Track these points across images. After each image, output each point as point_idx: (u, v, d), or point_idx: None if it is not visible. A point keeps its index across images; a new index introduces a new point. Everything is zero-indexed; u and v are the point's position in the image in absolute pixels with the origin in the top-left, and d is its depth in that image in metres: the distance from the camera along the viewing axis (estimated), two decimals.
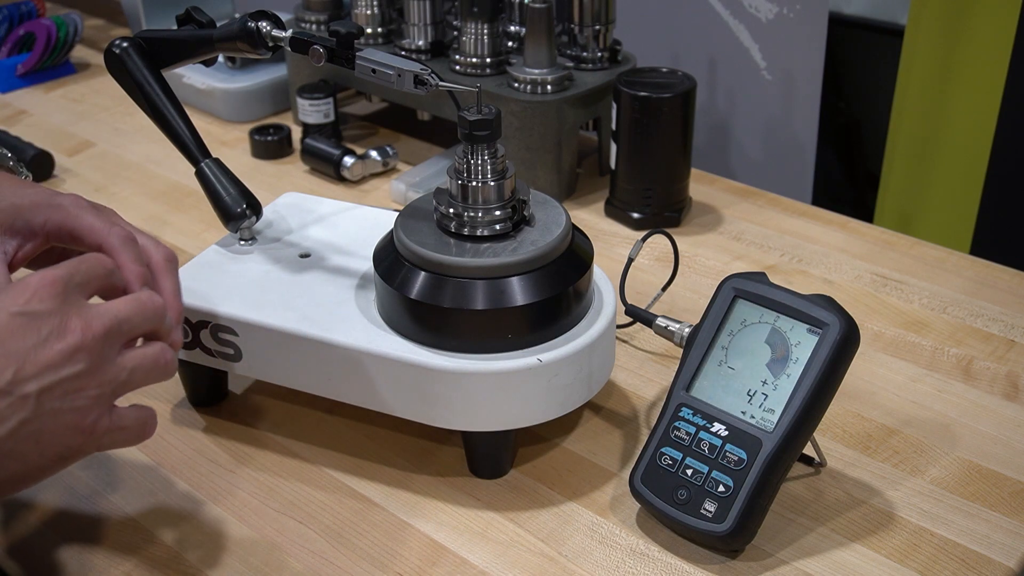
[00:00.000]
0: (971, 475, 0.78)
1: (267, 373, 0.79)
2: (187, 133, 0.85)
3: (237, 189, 0.86)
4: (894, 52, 1.43)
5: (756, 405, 0.71)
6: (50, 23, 1.51)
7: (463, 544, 0.73)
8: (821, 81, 1.40)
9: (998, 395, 0.86)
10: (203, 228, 1.13)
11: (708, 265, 1.05)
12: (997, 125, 1.37)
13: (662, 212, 1.11)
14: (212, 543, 0.73)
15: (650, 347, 0.93)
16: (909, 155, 1.45)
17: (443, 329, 0.73)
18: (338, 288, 0.81)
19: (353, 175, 1.21)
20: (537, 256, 0.73)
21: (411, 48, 1.22)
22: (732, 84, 1.48)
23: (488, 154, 0.74)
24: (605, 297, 0.79)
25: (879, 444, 0.81)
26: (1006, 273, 1.02)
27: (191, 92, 1.39)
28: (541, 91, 1.11)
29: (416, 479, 0.79)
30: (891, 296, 0.99)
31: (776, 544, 0.72)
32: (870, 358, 0.90)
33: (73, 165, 1.28)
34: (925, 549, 0.72)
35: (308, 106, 1.27)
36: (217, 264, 0.84)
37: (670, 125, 1.07)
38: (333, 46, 0.76)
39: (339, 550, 0.73)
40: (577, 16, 1.15)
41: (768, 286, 0.73)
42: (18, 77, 1.51)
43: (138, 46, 0.85)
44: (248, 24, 0.79)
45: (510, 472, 0.79)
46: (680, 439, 0.72)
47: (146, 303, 0.61)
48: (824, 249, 1.07)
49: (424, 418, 0.75)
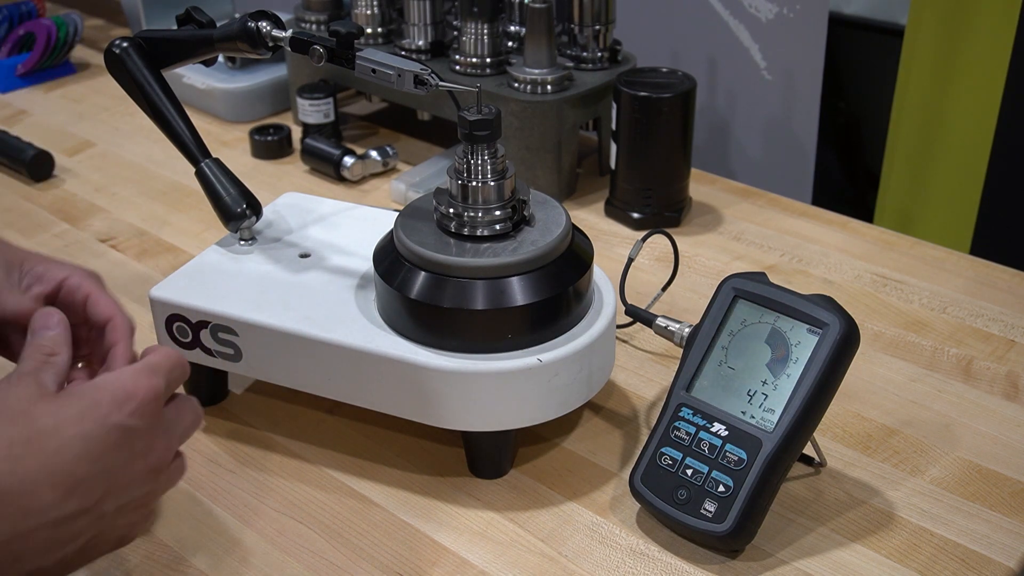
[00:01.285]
0: (971, 475, 0.78)
1: (267, 373, 0.79)
2: (187, 133, 0.85)
3: (237, 189, 0.86)
4: (894, 52, 1.43)
5: (756, 405, 0.71)
6: (50, 23, 1.51)
7: (463, 544, 0.73)
8: (821, 81, 1.40)
9: (998, 395, 0.86)
10: (203, 228, 1.13)
11: (708, 265, 1.05)
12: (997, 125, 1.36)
13: (662, 212, 1.11)
14: (212, 543, 0.73)
15: (650, 347, 0.93)
16: (909, 155, 1.45)
17: (443, 329, 0.73)
18: (338, 288, 0.81)
19: (353, 175, 1.21)
20: (537, 256, 0.73)
21: (411, 48, 1.22)
22: (732, 84, 1.48)
23: (488, 154, 0.74)
24: (605, 297, 0.79)
25: (879, 444, 0.81)
26: (1006, 273, 1.02)
27: (191, 92, 1.39)
28: (541, 91, 1.11)
29: (416, 479, 0.79)
30: (891, 296, 0.99)
31: (776, 544, 0.72)
32: (870, 358, 0.90)
33: (73, 165, 1.28)
34: (925, 549, 0.72)
35: (308, 106, 1.27)
36: (217, 264, 0.84)
37: (670, 125, 1.07)
38: (333, 46, 0.76)
39: (339, 550, 0.73)
40: (577, 16, 1.15)
41: (768, 286, 0.73)
42: (18, 77, 1.51)
43: (138, 46, 0.85)
44: (248, 24, 0.79)
45: (510, 472, 0.79)
46: (680, 439, 0.72)
47: (198, 415, 0.60)
48: (824, 249, 1.07)
49: (424, 418, 0.75)
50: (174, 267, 0.88)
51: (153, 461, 0.55)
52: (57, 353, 0.57)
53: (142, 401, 0.54)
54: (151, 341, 0.93)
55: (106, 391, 0.53)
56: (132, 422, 0.53)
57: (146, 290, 0.83)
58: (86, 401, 0.53)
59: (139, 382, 0.54)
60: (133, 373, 0.55)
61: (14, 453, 0.49)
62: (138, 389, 0.54)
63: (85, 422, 0.52)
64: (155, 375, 0.55)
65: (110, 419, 0.52)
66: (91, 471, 0.51)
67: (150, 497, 0.56)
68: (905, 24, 1.42)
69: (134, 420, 0.53)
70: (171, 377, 0.57)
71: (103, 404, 0.53)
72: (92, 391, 0.53)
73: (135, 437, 0.53)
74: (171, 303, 0.80)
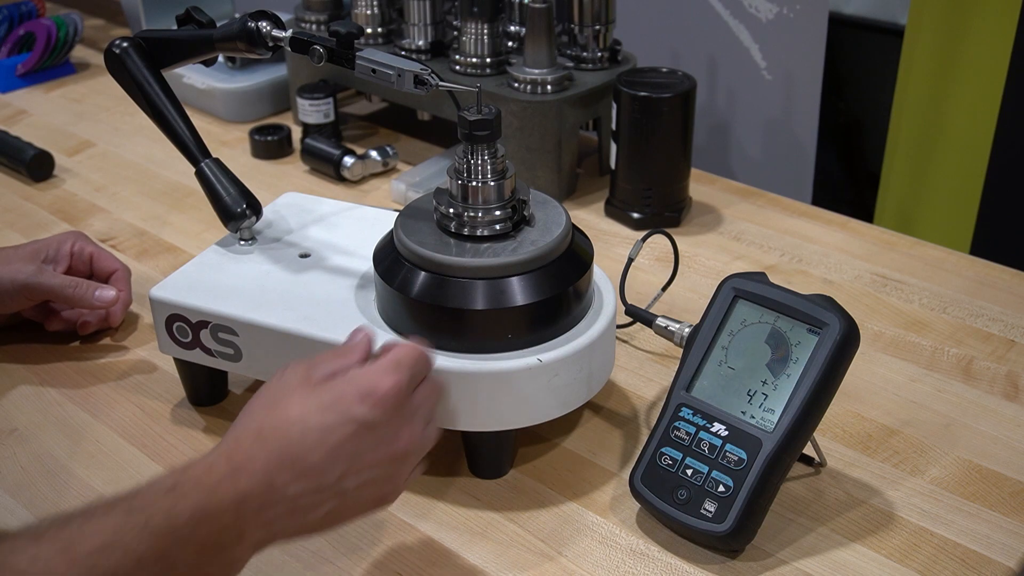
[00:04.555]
0: (971, 475, 0.78)
1: (267, 373, 0.79)
2: (187, 133, 0.85)
3: (237, 189, 0.86)
4: (894, 52, 1.43)
5: (756, 405, 0.71)
6: (50, 23, 1.51)
7: (463, 544, 0.73)
8: (821, 81, 1.40)
9: (998, 395, 0.86)
10: (203, 228, 1.13)
11: (708, 265, 1.05)
12: (997, 125, 1.36)
13: (662, 212, 1.11)
14: None
15: (650, 347, 0.93)
16: (909, 155, 1.45)
17: (443, 329, 0.73)
18: (338, 288, 0.81)
19: (353, 175, 1.21)
20: (537, 256, 0.73)
21: (411, 48, 1.22)
22: (732, 84, 1.48)
23: (488, 154, 0.74)
24: (605, 297, 0.79)
25: (879, 444, 0.81)
26: (1006, 273, 1.02)
27: (191, 92, 1.39)
28: (541, 91, 1.11)
29: (416, 479, 0.79)
30: (891, 296, 0.99)
31: (776, 544, 0.72)
32: (870, 358, 0.90)
33: (73, 165, 1.28)
34: (925, 549, 0.72)
35: (308, 106, 1.27)
36: (217, 264, 0.84)
37: (670, 125, 1.07)
38: (333, 46, 0.76)
39: (339, 550, 0.73)
40: (577, 16, 1.15)
41: (768, 286, 0.73)
42: (18, 77, 1.51)
43: (138, 46, 0.85)
44: (248, 24, 0.79)
45: (510, 472, 0.79)
46: (680, 439, 0.72)
47: (440, 389, 0.66)
48: (824, 249, 1.07)
49: None
50: (174, 267, 0.88)
51: (397, 447, 0.60)
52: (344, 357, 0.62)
53: (383, 396, 0.59)
54: (151, 340, 0.94)
55: (353, 385, 0.59)
56: (373, 415, 0.59)
57: (146, 290, 0.83)
58: (334, 394, 0.59)
59: (383, 378, 0.60)
60: (378, 370, 0.61)
61: (262, 436, 0.57)
62: (381, 385, 0.59)
63: (328, 414, 0.58)
64: (398, 371, 0.61)
65: (351, 412, 0.58)
66: (326, 458, 0.57)
67: (398, 473, 0.61)
68: (905, 24, 1.42)
69: (375, 413, 0.59)
70: (415, 371, 0.62)
71: (347, 398, 0.59)
72: (342, 385, 0.60)
73: (377, 427, 0.59)
74: (171, 303, 0.80)
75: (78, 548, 0.50)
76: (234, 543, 0.56)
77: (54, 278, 0.90)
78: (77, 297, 0.90)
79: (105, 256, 0.95)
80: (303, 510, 0.58)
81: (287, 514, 0.57)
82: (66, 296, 0.90)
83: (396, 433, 0.60)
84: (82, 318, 0.94)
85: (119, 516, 0.52)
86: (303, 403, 0.59)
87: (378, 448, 0.59)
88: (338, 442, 0.58)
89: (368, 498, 0.61)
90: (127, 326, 0.97)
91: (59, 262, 0.92)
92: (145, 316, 0.98)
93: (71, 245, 0.93)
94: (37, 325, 0.94)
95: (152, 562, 0.52)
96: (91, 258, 0.94)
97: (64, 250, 0.93)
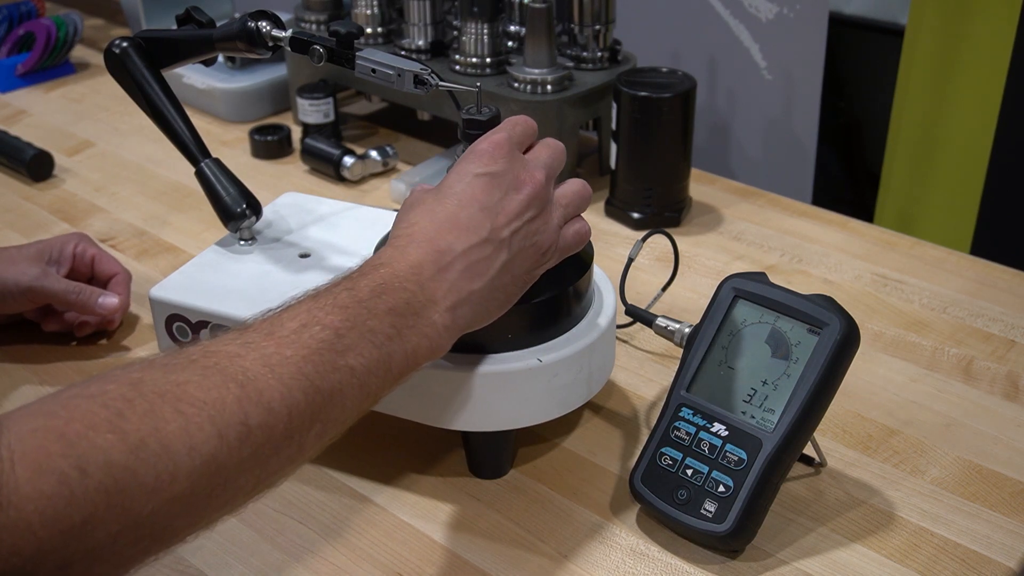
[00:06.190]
0: (971, 475, 0.78)
1: None
2: (187, 133, 0.85)
3: (237, 189, 0.86)
4: (894, 52, 1.43)
5: (756, 405, 0.71)
6: (50, 23, 1.51)
7: (463, 544, 0.73)
8: (821, 81, 1.40)
9: (998, 395, 0.86)
10: (203, 228, 1.13)
11: (708, 265, 1.05)
12: (997, 125, 1.36)
13: (662, 212, 1.11)
14: (212, 543, 0.73)
15: (650, 347, 0.93)
16: (909, 155, 1.45)
17: None
18: None
19: (353, 175, 1.21)
20: None
21: (411, 48, 1.22)
22: (732, 84, 1.48)
23: None
24: (605, 297, 0.79)
25: (879, 444, 0.81)
26: (1006, 273, 1.02)
27: (191, 92, 1.39)
28: (541, 91, 1.11)
29: (416, 479, 0.79)
30: (891, 296, 0.99)
31: (776, 544, 0.72)
32: (870, 358, 0.90)
33: (73, 165, 1.28)
34: (925, 549, 0.72)
35: (308, 106, 1.27)
36: (217, 264, 0.84)
37: (670, 125, 1.07)
38: (333, 46, 0.76)
39: (339, 550, 0.73)
40: (577, 16, 1.15)
41: (768, 286, 0.73)
42: (18, 77, 1.51)
43: (138, 46, 0.85)
44: (248, 24, 0.79)
45: (510, 472, 0.79)
46: (680, 439, 0.72)
47: (555, 146, 0.73)
48: (824, 249, 1.07)
49: (424, 418, 0.75)
50: (174, 267, 0.88)
51: (527, 192, 0.67)
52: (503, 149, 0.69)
53: (487, 150, 0.68)
54: (151, 340, 0.94)
55: (470, 153, 0.68)
56: (489, 168, 0.67)
57: (146, 290, 0.83)
58: (460, 166, 0.68)
59: (486, 139, 0.68)
60: (485, 136, 0.69)
61: (412, 221, 0.66)
62: (484, 143, 0.68)
63: (456, 183, 0.67)
64: (499, 131, 0.69)
65: (470, 171, 0.67)
66: (470, 212, 0.66)
67: (544, 218, 0.69)
68: (905, 24, 1.42)
69: (490, 166, 0.67)
70: (515, 131, 0.70)
71: (466, 161, 0.68)
72: (459, 162, 0.69)
73: (498, 179, 0.67)
74: (171, 303, 0.80)
75: (281, 331, 0.57)
76: (425, 307, 0.63)
77: (58, 283, 0.90)
78: (80, 303, 0.91)
79: (107, 259, 0.96)
80: (478, 266, 0.65)
81: (465, 272, 0.64)
82: (69, 302, 0.91)
83: (517, 177, 0.67)
84: (81, 319, 0.94)
85: (308, 302, 0.60)
86: (435, 188, 0.68)
87: (509, 195, 0.67)
88: (474, 196, 0.66)
89: (531, 247, 0.68)
90: (127, 326, 0.97)
91: (62, 263, 0.93)
92: (145, 316, 0.98)
93: (74, 247, 0.94)
94: (37, 325, 0.95)
95: (349, 330, 0.59)
96: (93, 260, 0.95)
97: (67, 251, 0.94)
